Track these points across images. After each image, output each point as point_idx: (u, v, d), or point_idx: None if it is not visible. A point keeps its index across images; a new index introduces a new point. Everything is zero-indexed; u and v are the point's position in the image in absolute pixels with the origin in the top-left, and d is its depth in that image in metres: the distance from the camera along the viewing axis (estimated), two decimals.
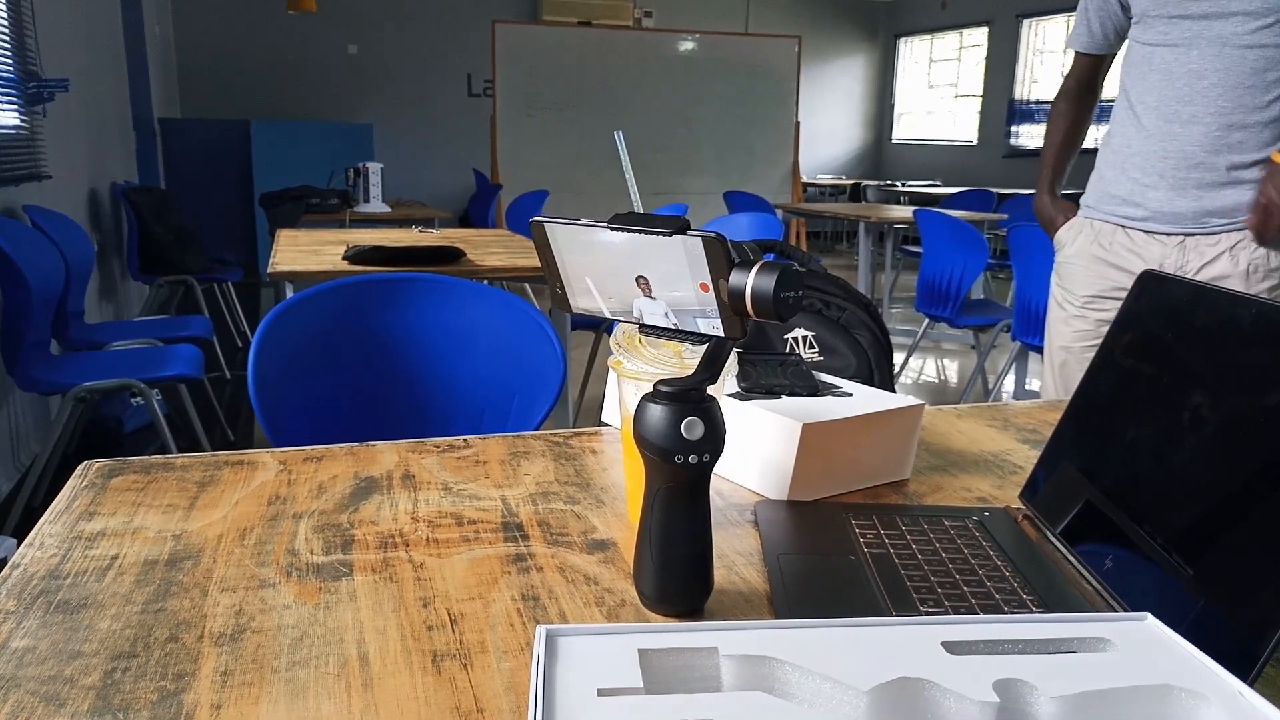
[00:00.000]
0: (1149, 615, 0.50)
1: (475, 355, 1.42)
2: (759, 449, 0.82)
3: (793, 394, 0.86)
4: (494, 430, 1.35)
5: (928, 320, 4.13)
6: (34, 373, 2.48)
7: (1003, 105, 9.89)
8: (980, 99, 10.24)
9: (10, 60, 3.17)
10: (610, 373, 0.75)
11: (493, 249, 2.93)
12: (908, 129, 11.44)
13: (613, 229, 0.55)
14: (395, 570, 0.66)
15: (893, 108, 11.54)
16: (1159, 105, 1.62)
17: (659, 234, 0.53)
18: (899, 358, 4.76)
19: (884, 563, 0.67)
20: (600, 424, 1.04)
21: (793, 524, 0.75)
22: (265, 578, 0.64)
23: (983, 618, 0.51)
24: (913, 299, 4.30)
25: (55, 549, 0.68)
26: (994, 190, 7.12)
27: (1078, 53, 1.83)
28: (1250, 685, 0.44)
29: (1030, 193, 6.30)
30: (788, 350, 1.06)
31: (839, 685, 0.44)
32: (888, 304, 5.87)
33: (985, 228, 5.08)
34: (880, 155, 11.72)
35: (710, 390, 0.58)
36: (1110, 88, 1.82)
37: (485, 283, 1.52)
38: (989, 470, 0.91)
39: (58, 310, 2.85)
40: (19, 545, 0.69)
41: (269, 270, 2.41)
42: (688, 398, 0.56)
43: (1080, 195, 1.81)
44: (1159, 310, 0.71)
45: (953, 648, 0.46)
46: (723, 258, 0.51)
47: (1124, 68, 1.72)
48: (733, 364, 0.80)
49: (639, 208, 0.67)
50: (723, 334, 0.55)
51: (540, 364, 1.37)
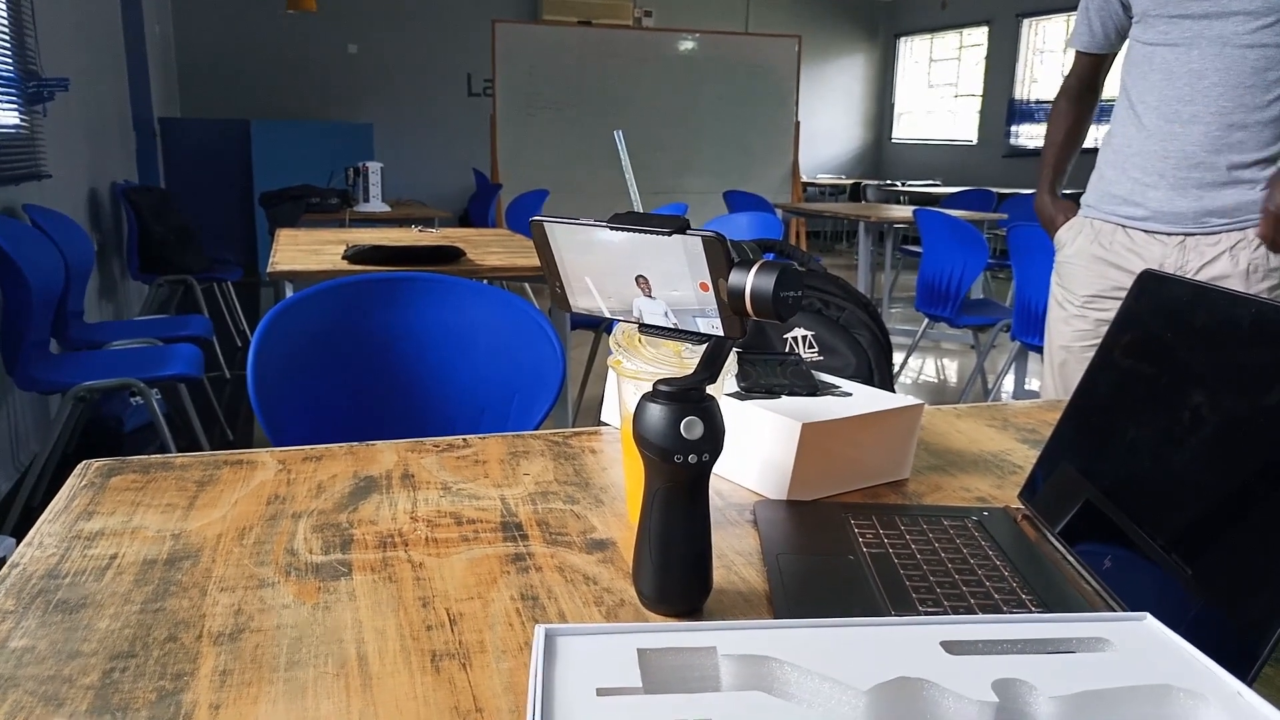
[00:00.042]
0: (1148, 615, 0.50)
1: (475, 355, 1.42)
2: (758, 449, 0.82)
3: (792, 394, 0.86)
4: (493, 430, 1.34)
5: (927, 320, 4.13)
6: (34, 372, 2.48)
7: (1003, 105, 9.89)
8: (980, 98, 10.25)
9: (10, 60, 3.17)
10: (610, 372, 0.75)
11: (492, 248, 2.93)
12: (908, 128, 11.44)
13: (612, 228, 0.55)
14: (394, 570, 0.66)
15: (893, 107, 11.54)
16: (1159, 105, 1.62)
17: (659, 233, 0.53)
18: (898, 357, 4.76)
19: (883, 562, 0.67)
20: (600, 423, 1.03)
21: (792, 524, 0.75)
22: (264, 577, 0.64)
23: (982, 618, 0.51)
24: (912, 299, 4.30)
25: (54, 548, 0.68)
26: (994, 190, 7.12)
27: (1079, 52, 1.83)
28: (1249, 685, 0.44)
29: (1030, 193, 6.30)
30: (787, 350, 1.06)
31: (838, 685, 0.44)
32: (887, 304, 5.87)
33: (985, 227, 5.08)
34: (880, 155, 11.72)
35: (710, 390, 0.58)
36: (1111, 87, 1.82)
37: (485, 282, 1.51)
38: (988, 470, 0.91)
39: (57, 310, 2.85)
40: (18, 544, 0.69)
41: (269, 270, 2.41)
42: (687, 397, 0.56)
43: (1081, 195, 1.81)
44: (1159, 310, 0.71)
45: (952, 648, 0.46)
46: (722, 257, 0.51)
47: (1125, 67, 1.72)
48: (732, 364, 0.80)
49: (639, 207, 0.67)
50: (722, 333, 0.55)
51: (540, 363, 1.37)
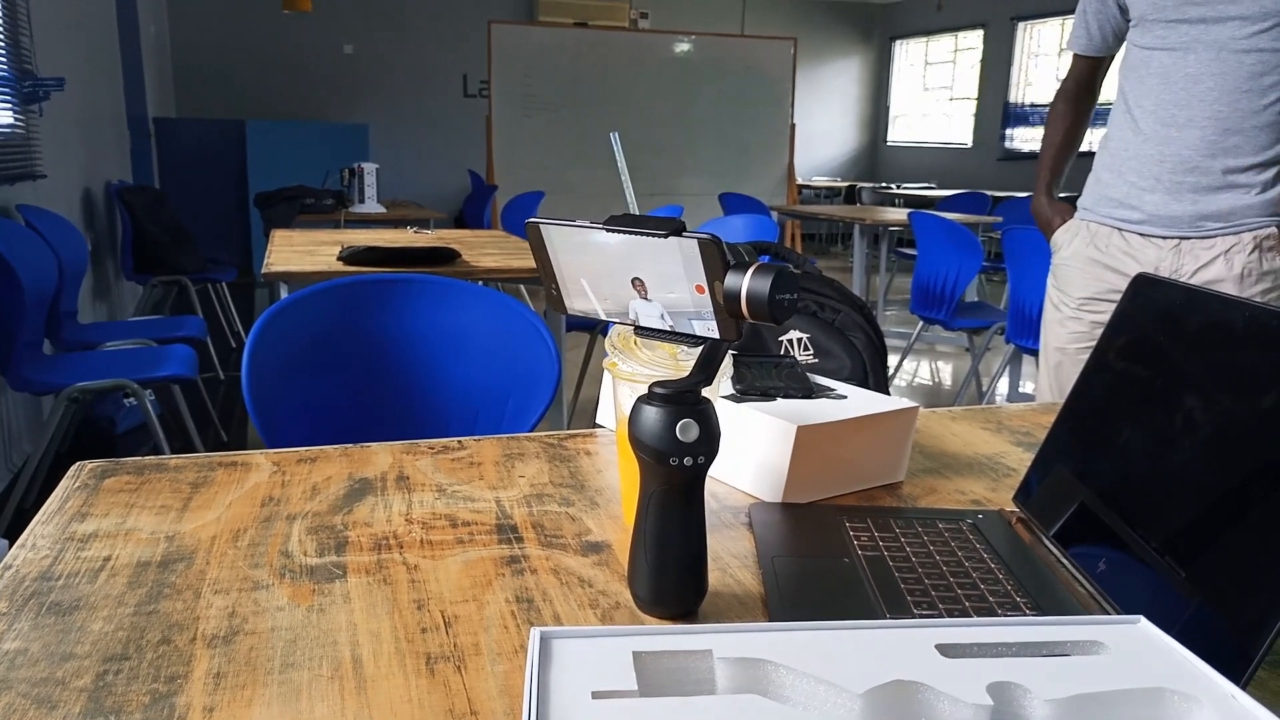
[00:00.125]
0: (1142, 618, 0.50)
1: (470, 356, 1.42)
2: (754, 451, 0.82)
3: (787, 396, 0.86)
4: (488, 432, 1.34)
5: (922, 323, 4.14)
6: (27, 373, 2.47)
7: (997, 108, 9.91)
8: (975, 102, 10.27)
9: (5, 59, 3.17)
10: (605, 374, 0.75)
11: (488, 250, 2.93)
12: (903, 131, 11.46)
13: (608, 230, 0.55)
14: (389, 572, 0.66)
15: (888, 110, 11.56)
16: (1156, 109, 1.62)
17: (655, 235, 0.53)
18: (893, 360, 4.77)
19: (878, 565, 0.67)
20: (595, 426, 1.03)
21: (787, 526, 0.75)
22: (258, 579, 0.64)
23: (976, 620, 0.51)
24: (907, 301, 4.30)
25: (47, 550, 0.68)
26: (988, 193, 7.14)
27: (1076, 55, 1.83)
28: (1243, 688, 0.44)
29: (1025, 195, 6.32)
30: (783, 352, 1.06)
31: (833, 688, 0.44)
32: (882, 306, 5.88)
33: (980, 230, 5.10)
34: (875, 157, 11.74)
35: (705, 392, 0.58)
36: (1108, 90, 1.83)
37: (480, 284, 1.51)
38: (983, 473, 0.91)
39: (51, 310, 2.84)
40: (11, 546, 0.68)
41: (263, 271, 2.40)
42: (683, 400, 0.56)
43: (1077, 198, 1.82)
44: (1153, 313, 0.71)
45: (947, 650, 0.47)
46: (718, 260, 0.51)
47: (1122, 71, 1.72)
48: (728, 366, 0.80)
49: (635, 209, 0.67)
50: (718, 336, 0.55)
51: (535, 365, 1.37)
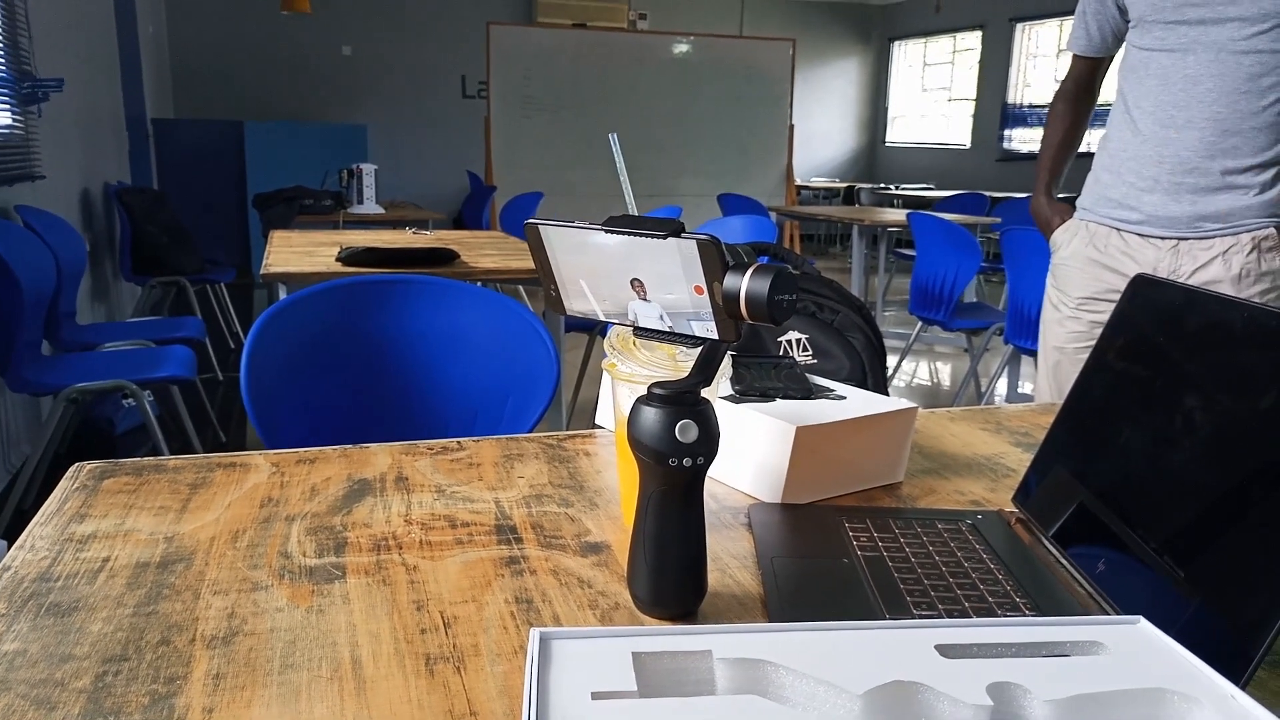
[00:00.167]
0: (1141, 618, 0.50)
1: (469, 357, 1.42)
2: (753, 452, 0.82)
3: (786, 397, 0.86)
4: (487, 432, 1.34)
5: (921, 323, 4.14)
6: (25, 373, 2.47)
7: (996, 109, 9.92)
8: (973, 103, 10.27)
9: (4, 60, 3.16)
10: (604, 375, 0.75)
11: (486, 251, 2.93)
12: (901, 132, 11.47)
13: (607, 231, 0.55)
14: (388, 573, 0.66)
15: (886, 111, 11.56)
16: (1155, 110, 1.63)
17: (654, 236, 0.53)
18: (892, 361, 4.77)
19: (877, 566, 0.67)
20: (594, 427, 1.03)
21: (786, 527, 0.75)
22: (258, 580, 0.64)
23: (976, 621, 0.51)
24: (906, 302, 4.31)
25: (46, 551, 0.67)
26: (987, 194, 7.14)
27: (1076, 55, 1.84)
28: (1242, 688, 0.44)
29: (1023, 196, 6.32)
30: (782, 353, 1.06)
31: (833, 688, 0.44)
32: (881, 307, 5.88)
33: (978, 231, 5.10)
34: (874, 158, 11.74)
35: (704, 393, 0.58)
36: (1108, 91, 1.83)
37: (479, 285, 1.51)
38: (982, 473, 0.91)
39: (49, 311, 2.84)
40: (9, 547, 0.68)
41: (262, 272, 2.40)
42: (682, 400, 0.56)
43: (1076, 199, 1.82)
44: (1152, 314, 0.71)
45: (946, 651, 0.47)
46: (717, 260, 0.51)
47: (1121, 72, 1.73)
48: (727, 367, 0.80)
49: (634, 210, 0.67)
50: (717, 337, 0.55)
51: (534, 366, 1.37)
